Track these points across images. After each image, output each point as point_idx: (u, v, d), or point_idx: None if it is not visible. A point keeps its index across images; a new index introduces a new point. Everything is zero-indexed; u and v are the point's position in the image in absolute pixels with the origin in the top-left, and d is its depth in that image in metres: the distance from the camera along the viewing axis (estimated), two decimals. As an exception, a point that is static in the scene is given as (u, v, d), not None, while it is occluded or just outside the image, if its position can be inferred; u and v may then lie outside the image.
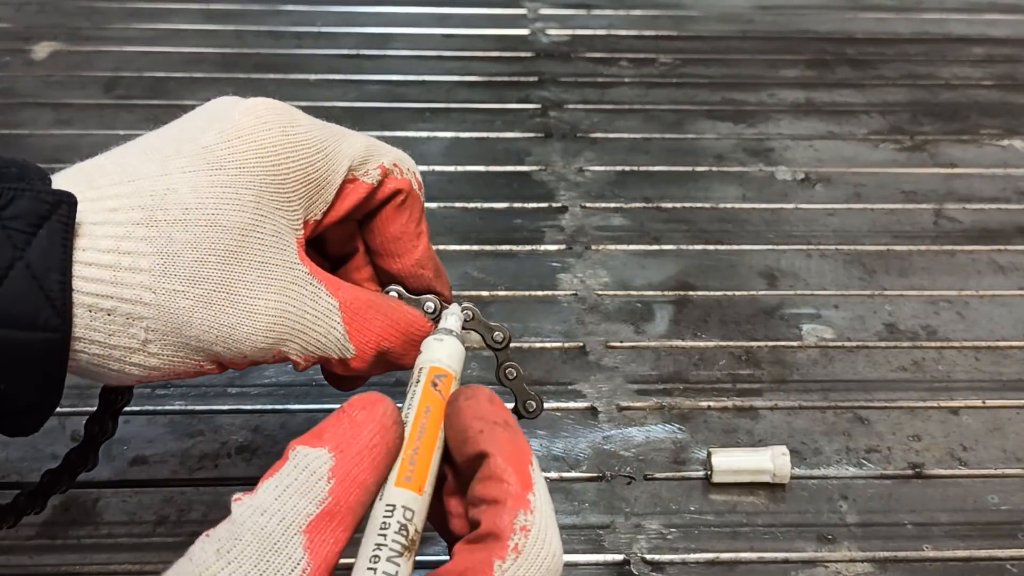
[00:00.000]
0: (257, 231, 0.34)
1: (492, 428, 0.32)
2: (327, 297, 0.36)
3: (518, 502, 0.30)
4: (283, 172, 0.35)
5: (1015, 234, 0.71)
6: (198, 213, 0.33)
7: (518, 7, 0.99)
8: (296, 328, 0.35)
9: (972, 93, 0.88)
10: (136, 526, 0.48)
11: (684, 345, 0.60)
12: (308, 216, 0.37)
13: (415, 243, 0.40)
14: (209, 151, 0.34)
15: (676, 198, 0.73)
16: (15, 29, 0.92)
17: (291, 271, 0.35)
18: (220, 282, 0.33)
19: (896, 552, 0.48)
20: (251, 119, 0.35)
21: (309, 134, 0.36)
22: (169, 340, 0.33)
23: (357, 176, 0.38)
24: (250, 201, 0.34)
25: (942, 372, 0.59)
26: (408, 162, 0.40)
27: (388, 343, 0.38)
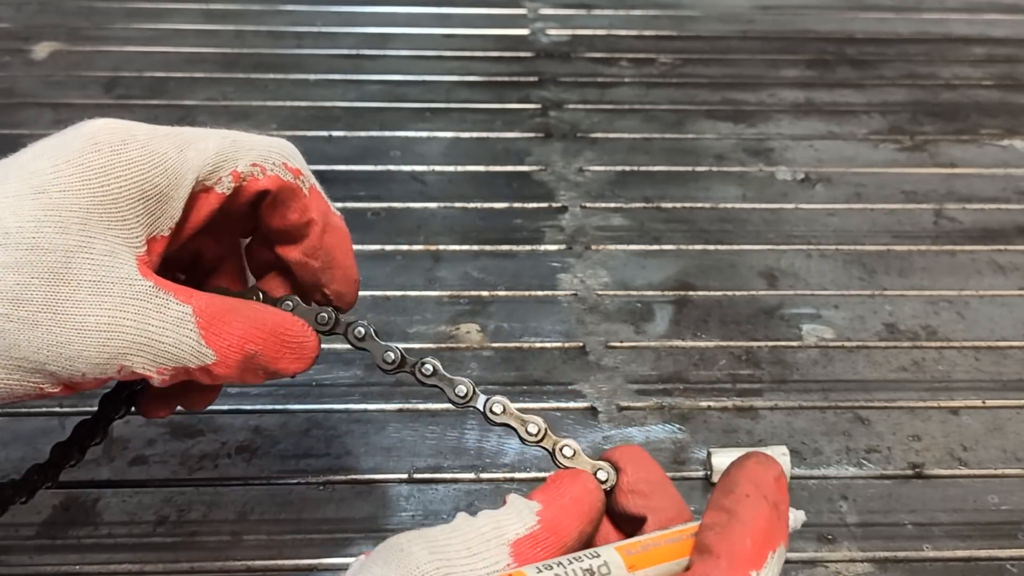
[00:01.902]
0: (85, 251, 0.34)
1: (760, 499, 0.31)
2: (177, 306, 0.36)
3: (739, 570, 0.29)
4: (113, 192, 0.35)
5: (1015, 234, 0.71)
6: (18, 237, 0.33)
7: (518, 7, 0.99)
8: (137, 341, 0.35)
9: (972, 93, 0.88)
10: (136, 526, 0.48)
11: (684, 345, 0.60)
12: (153, 232, 0.36)
13: (301, 233, 0.40)
14: (35, 176, 0.34)
15: (676, 198, 0.73)
16: (15, 29, 0.92)
17: (130, 287, 0.35)
18: (45, 302, 0.33)
19: (896, 552, 0.48)
20: (82, 142, 0.35)
21: (145, 149, 0.36)
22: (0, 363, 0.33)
23: (209, 185, 0.37)
24: (75, 223, 0.34)
25: (942, 372, 0.59)
26: (275, 155, 0.39)
27: (253, 345, 0.37)
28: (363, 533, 0.48)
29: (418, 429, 0.54)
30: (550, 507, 0.32)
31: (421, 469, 0.51)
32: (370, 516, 0.49)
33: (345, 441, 0.53)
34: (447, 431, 0.53)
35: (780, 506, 0.32)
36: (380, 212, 0.69)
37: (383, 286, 0.63)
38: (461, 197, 0.72)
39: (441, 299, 0.63)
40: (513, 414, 0.39)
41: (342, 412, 0.54)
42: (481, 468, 0.52)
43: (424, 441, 0.53)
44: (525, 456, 0.52)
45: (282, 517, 0.49)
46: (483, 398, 0.40)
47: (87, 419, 0.44)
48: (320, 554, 0.47)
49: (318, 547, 0.47)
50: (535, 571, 0.30)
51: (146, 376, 0.36)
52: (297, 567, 0.46)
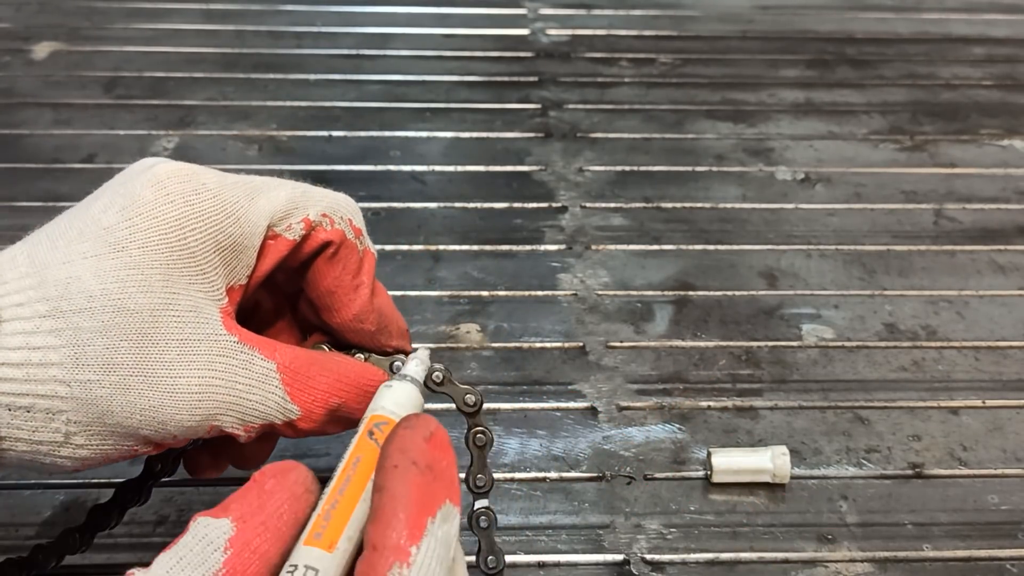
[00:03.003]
0: (170, 309, 0.33)
1: (408, 467, 0.29)
2: (262, 362, 0.35)
3: (396, 553, 0.27)
4: (190, 245, 0.34)
5: (1015, 234, 0.71)
6: (103, 300, 0.32)
7: (518, 7, 0.99)
8: (227, 400, 0.34)
9: (972, 93, 0.88)
10: (136, 526, 0.48)
11: (684, 345, 0.60)
12: (231, 282, 0.35)
13: (352, 296, 0.39)
14: (110, 232, 0.33)
15: (676, 198, 0.73)
16: (15, 29, 0.92)
17: (216, 344, 0.34)
18: (135, 366, 0.33)
19: (896, 552, 0.48)
20: (152, 192, 0.34)
21: (217, 198, 0.35)
22: (93, 430, 0.32)
23: (279, 232, 0.37)
24: (158, 280, 0.33)
25: (942, 372, 0.59)
26: (343, 210, 0.38)
27: (337, 398, 0.37)
28: (363, 533, 0.48)
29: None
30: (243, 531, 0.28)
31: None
32: (370, 516, 0.49)
33: (345, 441, 0.53)
34: (447, 431, 0.53)
35: (435, 465, 0.29)
36: (380, 212, 0.69)
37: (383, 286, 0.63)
38: (461, 197, 0.72)
39: (441, 299, 0.63)
40: None
41: (342, 412, 0.54)
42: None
43: (424, 441, 0.53)
44: (525, 456, 0.52)
45: (282, 517, 0.49)
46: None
47: (132, 480, 0.42)
48: (320, 554, 0.47)
49: (318, 547, 0.47)
50: None
51: (234, 434, 0.35)
52: (297, 567, 0.46)
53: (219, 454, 0.41)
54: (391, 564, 0.27)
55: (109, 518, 0.41)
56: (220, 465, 0.42)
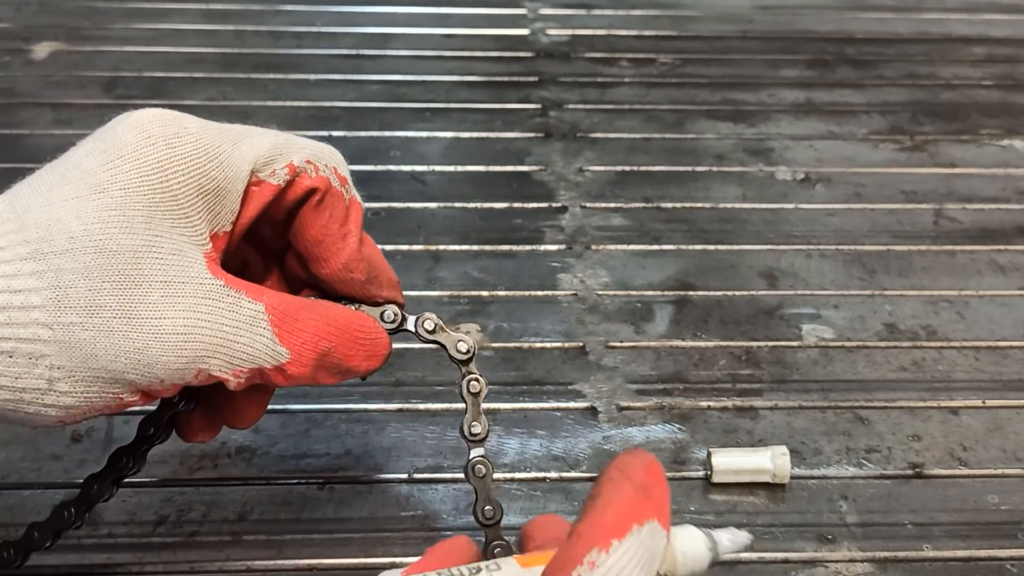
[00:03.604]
0: (153, 251, 0.33)
1: (624, 480, 0.30)
2: (249, 304, 0.35)
3: (597, 540, 0.28)
4: (172, 188, 0.34)
5: (1015, 234, 0.71)
6: (85, 241, 0.32)
7: (518, 7, 0.99)
8: (214, 342, 0.34)
9: (972, 93, 0.88)
10: (136, 526, 0.48)
11: (684, 345, 0.60)
12: (215, 228, 0.35)
13: (340, 245, 0.38)
14: (91, 175, 0.33)
15: (676, 198, 0.73)
16: (15, 29, 0.92)
17: (201, 286, 0.34)
18: (119, 308, 0.32)
19: (896, 552, 0.48)
20: (134, 135, 0.34)
21: (199, 142, 0.35)
22: (78, 376, 0.32)
23: (262, 178, 0.36)
24: (140, 222, 0.33)
25: (942, 372, 0.59)
26: (327, 157, 0.38)
27: (327, 342, 0.37)
28: (363, 533, 0.48)
29: (418, 429, 0.54)
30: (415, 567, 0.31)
31: (421, 469, 0.51)
32: (370, 516, 0.49)
33: (345, 441, 0.53)
34: (447, 431, 0.53)
35: (650, 489, 0.30)
36: (380, 212, 0.69)
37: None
38: (461, 197, 0.72)
39: (441, 299, 0.63)
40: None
41: (342, 412, 0.54)
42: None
43: (424, 441, 0.53)
44: (525, 456, 0.52)
45: (282, 517, 0.49)
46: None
47: (124, 446, 0.41)
48: (320, 554, 0.47)
49: (318, 547, 0.47)
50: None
51: (222, 379, 0.35)
52: (297, 567, 0.46)
53: (211, 415, 0.41)
54: (591, 547, 0.28)
55: (103, 488, 0.41)
56: (213, 426, 0.41)
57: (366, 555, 0.47)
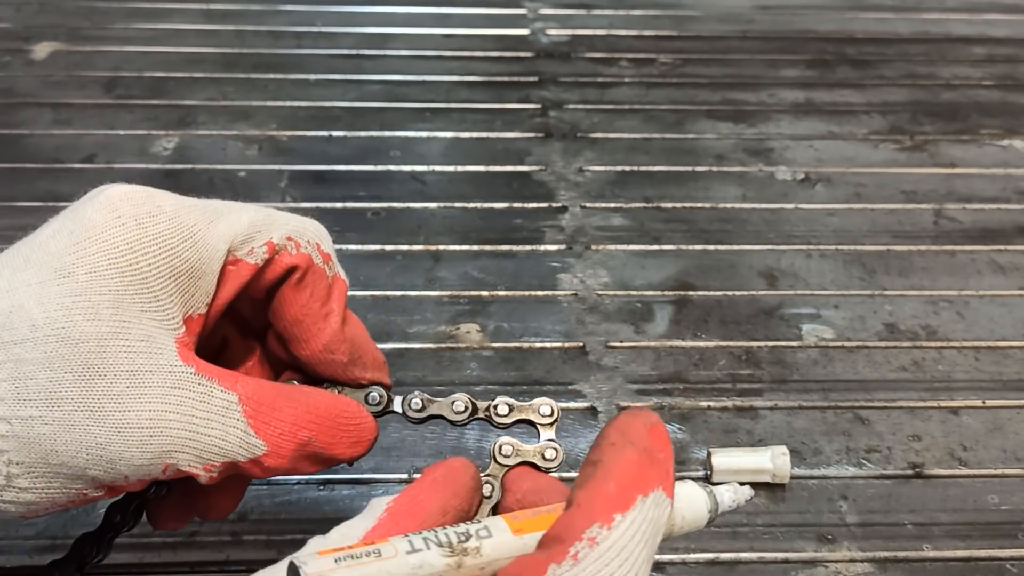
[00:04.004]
0: (120, 338, 0.31)
1: (625, 445, 0.28)
2: (222, 393, 0.33)
3: (599, 513, 0.27)
4: (142, 270, 0.32)
5: (1015, 234, 0.71)
6: (46, 329, 0.30)
7: (518, 7, 0.99)
8: (182, 435, 0.32)
9: (972, 93, 0.88)
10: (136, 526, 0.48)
11: (684, 345, 0.60)
12: (190, 311, 0.33)
13: (320, 326, 0.36)
14: (57, 257, 0.31)
15: (676, 198, 0.73)
16: (15, 29, 0.92)
17: (170, 375, 0.32)
18: (81, 400, 0.30)
19: (896, 552, 0.48)
20: (103, 214, 0.32)
21: (173, 221, 0.33)
22: (37, 472, 0.30)
23: (239, 256, 0.34)
24: (106, 307, 0.31)
25: (942, 372, 0.59)
26: (310, 233, 0.36)
27: (307, 431, 0.34)
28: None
29: (418, 429, 0.54)
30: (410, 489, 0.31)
31: (421, 469, 0.51)
32: (370, 516, 0.49)
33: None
34: (447, 431, 0.53)
35: (656, 453, 0.29)
36: (380, 212, 0.69)
37: (383, 286, 0.63)
38: (461, 197, 0.72)
39: (441, 299, 0.63)
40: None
41: (342, 412, 0.54)
42: (481, 468, 0.52)
43: (424, 441, 0.53)
44: (525, 456, 0.52)
45: (282, 517, 0.49)
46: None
47: (89, 533, 0.38)
48: (320, 554, 0.47)
49: (318, 547, 0.47)
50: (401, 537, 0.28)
51: (193, 474, 0.33)
52: (297, 567, 0.46)
53: (183, 504, 0.39)
54: (591, 522, 0.26)
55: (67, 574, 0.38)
56: (185, 515, 0.39)
57: (366, 555, 0.47)
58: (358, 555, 0.27)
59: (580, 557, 0.26)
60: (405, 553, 0.27)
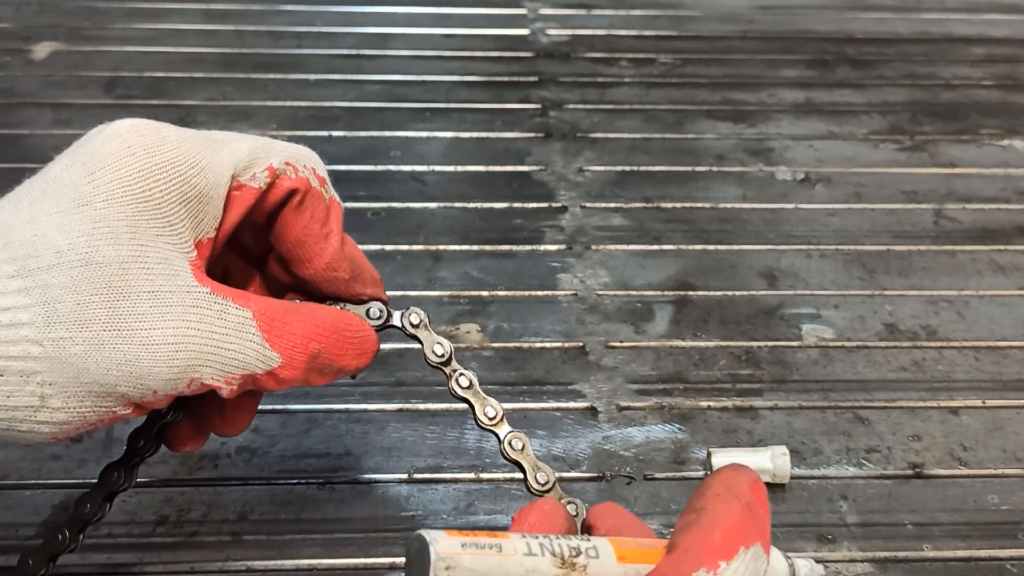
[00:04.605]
0: (140, 261, 0.33)
1: (731, 498, 0.30)
2: (237, 310, 0.35)
3: (706, 559, 0.28)
4: (155, 196, 0.34)
5: (1015, 234, 0.71)
6: (71, 255, 0.32)
7: (518, 7, 0.99)
8: (205, 350, 0.34)
9: (972, 93, 0.88)
10: (136, 526, 0.48)
11: (684, 345, 0.60)
12: (199, 235, 0.35)
13: (322, 245, 0.38)
14: (73, 188, 0.33)
15: (676, 198, 0.73)
16: (15, 29, 0.92)
17: (188, 295, 0.34)
18: (108, 320, 0.32)
19: (896, 552, 0.48)
20: (114, 146, 0.34)
21: (179, 150, 0.35)
22: (70, 391, 0.32)
23: (243, 182, 0.36)
24: (125, 232, 0.33)
25: (942, 372, 0.59)
26: (305, 159, 0.38)
27: (317, 344, 0.37)
28: (363, 533, 0.48)
29: (418, 429, 0.54)
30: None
31: (421, 469, 0.51)
32: (370, 516, 0.49)
33: (345, 441, 0.53)
34: (447, 431, 0.54)
35: (756, 509, 0.31)
36: (380, 212, 0.69)
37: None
38: (461, 197, 0.72)
39: (441, 299, 0.63)
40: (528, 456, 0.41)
41: (342, 412, 0.54)
42: (481, 468, 0.52)
43: (424, 441, 0.53)
44: (525, 456, 0.52)
45: (282, 517, 0.49)
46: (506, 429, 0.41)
47: (114, 462, 0.41)
48: (320, 554, 0.47)
49: (318, 547, 0.47)
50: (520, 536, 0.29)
51: (215, 387, 0.35)
52: (297, 567, 0.46)
53: (199, 424, 0.41)
54: (698, 567, 0.28)
55: (96, 507, 0.40)
56: (201, 435, 0.41)
57: (366, 555, 0.47)
58: (482, 545, 0.28)
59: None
60: (522, 555, 0.28)
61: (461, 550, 0.27)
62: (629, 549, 0.31)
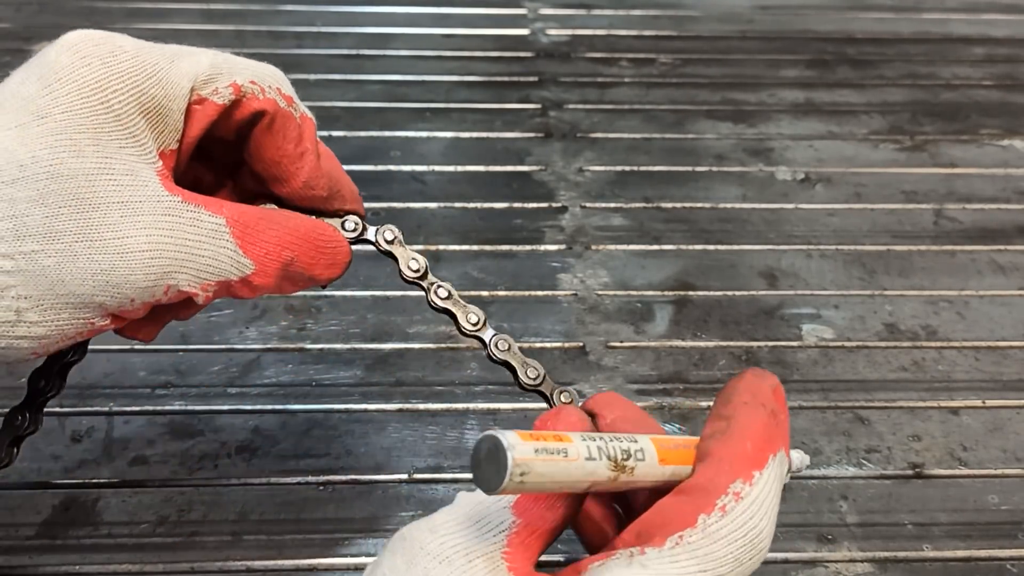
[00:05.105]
0: (106, 173, 0.33)
1: (757, 406, 0.32)
2: (209, 217, 0.35)
3: (741, 470, 0.30)
4: (114, 107, 0.33)
5: (1015, 234, 0.71)
6: (35, 168, 0.31)
7: (518, 7, 0.99)
8: (179, 257, 0.34)
9: (972, 93, 0.88)
10: (136, 526, 0.48)
11: (684, 345, 0.60)
12: (161, 146, 0.35)
13: (298, 164, 0.38)
14: (30, 101, 0.32)
15: (676, 198, 0.73)
16: (15, 29, 0.92)
17: (159, 203, 0.34)
18: (79, 232, 0.32)
19: (896, 552, 0.48)
20: (68, 57, 0.33)
21: (136, 59, 0.34)
22: (46, 304, 0.32)
23: (205, 95, 0.35)
24: (88, 144, 0.32)
25: (942, 372, 0.59)
26: (270, 78, 0.37)
27: (290, 251, 0.37)
28: (363, 533, 0.48)
29: (418, 429, 0.54)
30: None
31: (421, 469, 0.51)
32: (370, 516, 0.49)
33: (345, 441, 0.53)
34: (447, 431, 0.54)
35: (778, 415, 0.32)
36: (380, 212, 0.69)
37: (383, 286, 0.63)
38: (461, 197, 0.72)
39: (441, 299, 0.63)
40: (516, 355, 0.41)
41: (342, 412, 0.54)
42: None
43: (424, 441, 0.53)
44: (525, 456, 0.52)
45: (282, 517, 0.49)
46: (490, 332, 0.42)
47: (18, 404, 0.40)
48: (320, 554, 0.47)
49: (318, 547, 0.47)
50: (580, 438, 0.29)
51: (191, 293, 0.35)
52: (297, 567, 0.46)
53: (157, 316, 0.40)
54: (734, 478, 0.30)
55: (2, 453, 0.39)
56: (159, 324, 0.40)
57: (366, 555, 0.47)
58: (551, 451, 0.28)
59: (728, 510, 0.29)
60: (584, 459, 0.29)
61: (534, 456, 0.28)
62: (668, 450, 0.32)
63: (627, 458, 0.30)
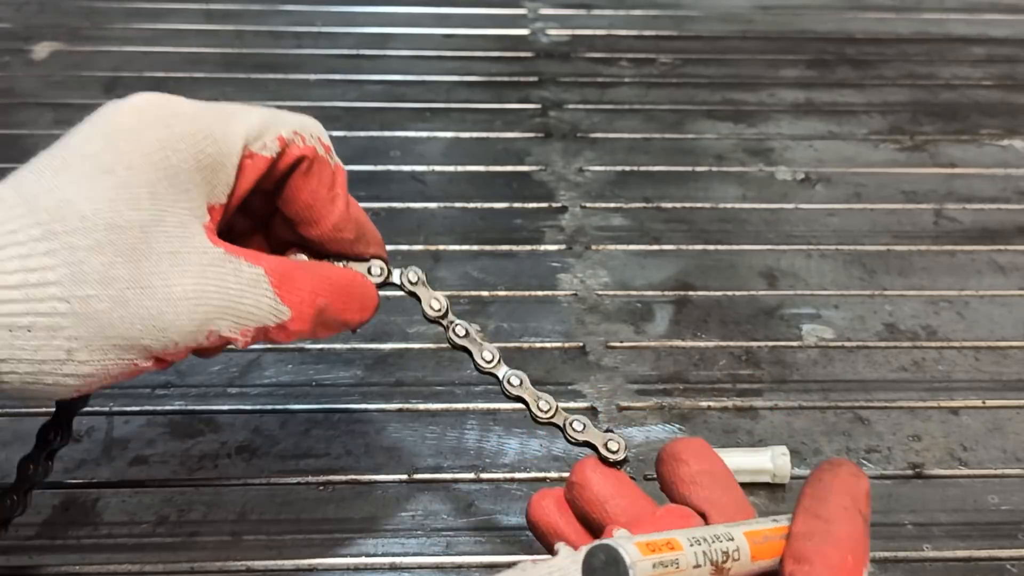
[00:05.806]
0: (160, 225, 0.35)
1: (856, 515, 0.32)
2: (249, 268, 0.37)
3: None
4: (174, 165, 0.36)
5: (1015, 234, 0.71)
6: (95, 219, 0.34)
7: (518, 7, 0.99)
8: (222, 304, 0.36)
9: (972, 93, 0.88)
10: (136, 526, 0.48)
11: (684, 345, 0.60)
12: (212, 201, 0.37)
13: (329, 208, 0.40)
14: (96, 158, 0.35)
15: (676, 198, 0.73)
16: (15, 29, 0.92)
17: (205, 255, 0.36)
18: (131, 279, 0.34)
19: (896, 552, 0.48)
20: (132, 118, 0.36)
21: (194, 121, 0.37)
22: (95, 345, 0.34)
23: (254, 151, 0.38)
24: (145, 198, 0.35)
25: (942, 372, 0.59)
26: (311, 128, 0.40)
27: (324, 298, 0.39)
28: (363, 533, 0.48)
29: (418, 429, 0.54)
30: None
31: (421, 469, 0.51)
32: (370, 516, 0.49)
33: (345, 441, 0.53)
34: (447, 431, 0.54)
35: (868, 523, 0.33)
36: (380, 212, 0.69)
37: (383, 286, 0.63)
38: (461, 197, 0.72)
39: (441, 299, 0.63)
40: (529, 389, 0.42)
41: (342, 412, 0.54)
42: (481, 468, 0.52)
43: (424, 441, 0.53)
44: (525, 456, 0.52)
45: (282, 517, 0.49)
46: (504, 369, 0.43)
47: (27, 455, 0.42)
48: (320, 554, 0.47)
49: (318, 547, 0.47)
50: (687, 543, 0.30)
51: (232, 339, 0.37)
52: (297, 567, 0.46)
53: None
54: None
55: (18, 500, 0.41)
56: None
57: (366, 555, 0.47)
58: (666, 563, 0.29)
59: None
60: (691, 567, 0.30)
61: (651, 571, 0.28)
62: (759, 545, 0.32)
63: (726, 560, 0.31)
